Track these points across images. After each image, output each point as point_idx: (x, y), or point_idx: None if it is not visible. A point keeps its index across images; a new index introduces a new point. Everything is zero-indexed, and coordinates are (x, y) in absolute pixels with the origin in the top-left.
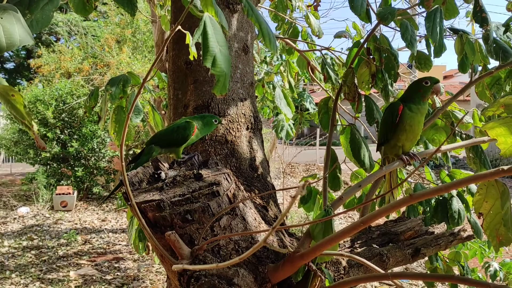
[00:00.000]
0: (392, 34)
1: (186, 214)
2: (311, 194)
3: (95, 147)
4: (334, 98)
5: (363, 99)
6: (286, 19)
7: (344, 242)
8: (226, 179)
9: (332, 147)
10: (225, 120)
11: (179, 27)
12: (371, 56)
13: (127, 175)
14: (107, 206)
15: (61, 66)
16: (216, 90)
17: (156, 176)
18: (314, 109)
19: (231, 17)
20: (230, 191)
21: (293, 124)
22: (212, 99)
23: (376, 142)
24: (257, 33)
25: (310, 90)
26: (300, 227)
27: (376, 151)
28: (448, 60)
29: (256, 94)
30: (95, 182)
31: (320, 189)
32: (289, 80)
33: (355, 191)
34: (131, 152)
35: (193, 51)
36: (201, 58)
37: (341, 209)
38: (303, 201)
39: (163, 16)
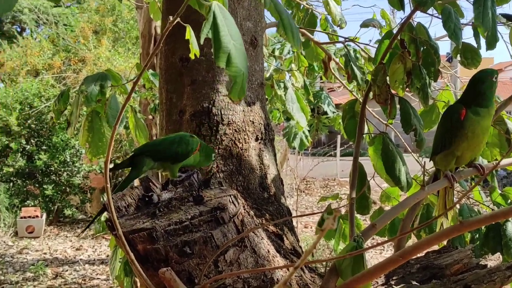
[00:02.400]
0: (427, 21)
1: (184, 246)
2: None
3: (68, 160)
4: (361, 101)
5: (397, 102)
6: (302, 5)
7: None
8: (233, 202)
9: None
10: (229, 129)
11: (178, 19)
12: (406, 50)
13: (112, 198)
14: (83, 232)
15: (27, 62)
16: (233, 94)
17: (147, 199)
18: (333, 112)
19: (236, 4)
20: (238, 217)
21: (309, 130)
22: (213, 103)
23: (410, 151)
24: (267, 22)
25: (328, 89)
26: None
27: (429, 161)
28: (495, 51)
29: (265, 96)
30: (68, 203)
31: (343, 210)
32: (304, 79)
33: (391, 216)
34: (111, 166)
35: (194, 49)
36: (201, 56)
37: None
38: (322, 225)
39: (152, 3)
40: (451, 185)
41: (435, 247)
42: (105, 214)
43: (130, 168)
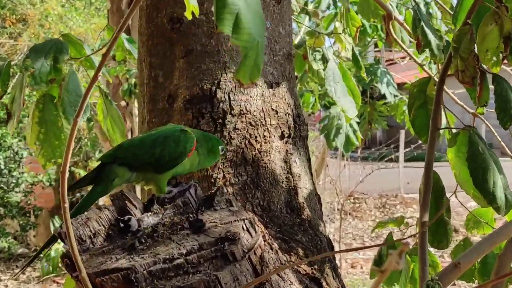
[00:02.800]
0: None
1: None
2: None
3: (2, 166)
4: (436, 80)
5: (489, 82)
6: None
7: None
8: (247, 230)
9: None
10: (242, 122)
11: None
12: (503, 4)
13: (72, 223)
14: (23, 273)
15: None
16: (242, 74)
17: (122, 225)
18: (395, 96)
19: None
20: (255, 253)
21: (358, 123)
22: (218, 84)
23: (510, 154)
24: None
25: (386, 62)
26: None
27: None
28: None
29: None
30: (2, 230)
31: (410, 244)
32: (352, 46)
33: (482, 251)
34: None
35: (191, 4)
36: (201, 15)
37: None
38: (379, 266)
39: None
40: None
41: None
42: (60, 246)
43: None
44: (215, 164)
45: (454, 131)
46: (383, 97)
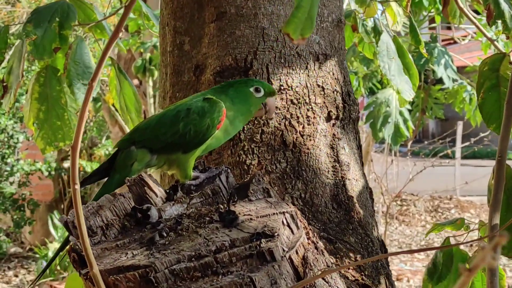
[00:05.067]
0: None
1: None
2: (450, 264)
3: None
4: None
5: None
6: None
7: None
8: (288, 225)
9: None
10: (281, 99)
11: None
12: None
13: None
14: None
15: None
16: (291, 28)
17: (139, 215)
18: (454, 80)
19: None
20: (298, 252)
21: (409, 112)
22: (255, 54)
23: None
24: None
25: (443, 41)
26: None
27: None
28: None
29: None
30: None
31: (471, 250)
32: (410, 16)
33: None
34: (67, 165)
35: None
36: None
37: None
38: (434, 276)
39: None
40: None
41: None
42: (65, 238)
43: (110, 168)
44: (261, 109)
45: None
46: (440, 81)
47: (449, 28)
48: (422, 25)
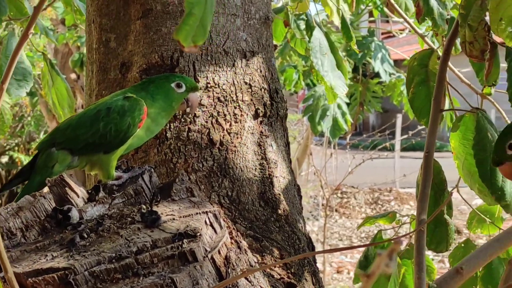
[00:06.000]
0: None
1: None
2: None
3: None
4: (441, 53)
5: (501, 57)
6: None
7: None
8: (211, 225)
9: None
10: (208, 97)
11: None
12: None
13: None
14: None
15: None
16: (182, 35)
17: (60, 216)
18: (391, 74)
19: None
20: (220, 252)
21: (348, 105)
22: (181, 52)
23: None
24: None
25: (383, 34)
26: None
27: None
28: None
29: (273, 41)
30: None
31: (403, 243)
32: (342, 12)
33: (486, 257)
34: (4, 160)
35: None
36: None
37: None
38: (366, 269)
39: None
40: None
41: None
42: None
43: (31, 171)
44: (183, 103)
45: (459, 114)
46: (378, 75)
47: (388, 21)
48: (361, 19)
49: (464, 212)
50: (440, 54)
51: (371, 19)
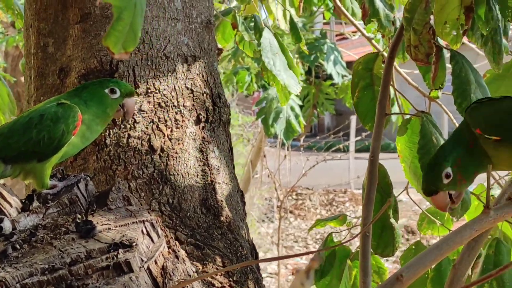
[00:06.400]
0: None
1: None
2: (333, 259)
3: None
4: (386, 56)
5: (446, 59)
6: None
7: None
8: (148, 234)
9: (381, 159)
10: (149, 103)
11: None
12: None
13: None
14: None
15: None
16: (111, 42)
17: None
18: (344, 76)
19: None
20: (157, 262)
21: (301, 107)
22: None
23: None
24: None
25: (337, 36)
26: None
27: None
28: None
29: (219, 45)
30: None
31: (354, 247)
32: (290, 14)
33: (433, 260)
34: None
35: None
36: None
37: None
38: (317, 272)
39: None
40: None
41: None
42: None
43: None
44: (119, 110)
45: (405, 118)
46: (331, 77)
47: (341, 23)
48: (315, 20)
49: (419, 213)
50: (385, 57)
51: (325, 21)
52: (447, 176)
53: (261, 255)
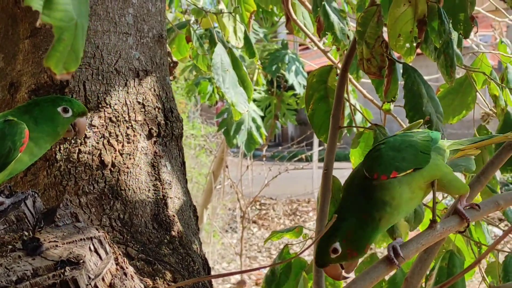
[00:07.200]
0: None
1: None
2: (289, 271)
3: None
4: (340, 69)
5: (399, 72)
6: None
7: None
8: (95, 250)
9: (335, 170)
10: (99, 118)
11: None
12: None
13: None
14: None
15: None
16: (52, 62)
17: None
18: (305, 86)
19: None
20: (104, 279)
21: (263, 118)
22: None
23: None
24: None
25: (300, 46)
26: None
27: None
28: None
29: (174, 59)
30: None
31: (309, 258)
32: (244, 29)
33: (380, 274)
34: None
35: None
36: None
37: None
38: (272, 284)
39: None
40: (464, 228)
41: None
42: None
43: None
44: (70, 130)
45: (359, 130)
46: (292, 87)
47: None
48: (278, 30)
49: None
50: (339, 70)
51: (288, 32)
52: (334, 252)
53: (224, 265)
